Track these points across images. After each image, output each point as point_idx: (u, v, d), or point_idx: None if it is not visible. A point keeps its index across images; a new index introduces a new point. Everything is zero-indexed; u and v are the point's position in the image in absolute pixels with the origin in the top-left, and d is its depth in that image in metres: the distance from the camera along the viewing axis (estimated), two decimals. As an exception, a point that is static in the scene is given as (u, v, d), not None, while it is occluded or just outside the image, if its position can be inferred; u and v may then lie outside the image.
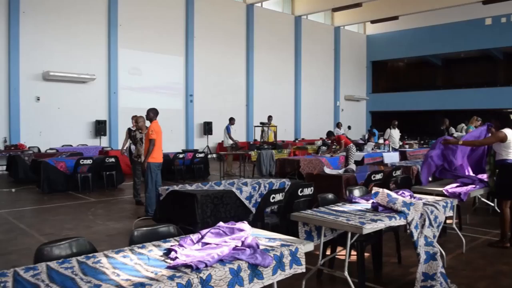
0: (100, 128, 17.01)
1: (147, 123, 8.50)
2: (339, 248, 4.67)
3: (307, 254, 4.13)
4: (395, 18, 25.20)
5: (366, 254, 4.99)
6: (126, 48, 17.90)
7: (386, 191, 4.36)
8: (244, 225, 3.16)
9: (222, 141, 15.33)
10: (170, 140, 18.39)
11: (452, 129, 17.36)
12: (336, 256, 4.74)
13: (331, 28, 28.03)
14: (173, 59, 19.57)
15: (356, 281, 4.29)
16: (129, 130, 9.94)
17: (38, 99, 15.75)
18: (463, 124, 15.99)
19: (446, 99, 26.80)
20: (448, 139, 6.46)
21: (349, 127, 23.99)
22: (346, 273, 3.93)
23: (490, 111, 24.81)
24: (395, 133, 14.26)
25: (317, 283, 4.63)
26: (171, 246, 2.96)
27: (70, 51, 16.41)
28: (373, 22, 27.25)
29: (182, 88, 19.96)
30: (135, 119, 9.44)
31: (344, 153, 11.43)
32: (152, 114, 8.16)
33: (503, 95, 25.26)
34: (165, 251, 2.92)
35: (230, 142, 14.37)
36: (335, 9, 24.38)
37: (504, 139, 5.83)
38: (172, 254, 2.78)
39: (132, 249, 2.97)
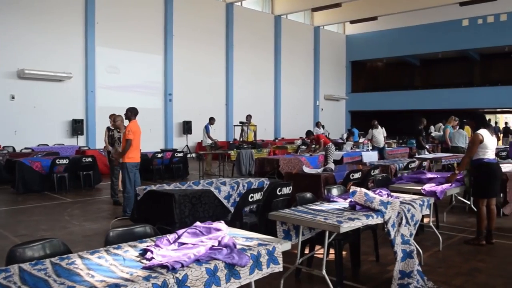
0: (77, 127, 16.77)
1: (126, 122, 8.39)
2: (317, 247, 4.69)
3: (286, 253, 4.12)
4: (374, 18, 25.48)
5: (344, 253, 5.02)
6: (103, 46, 17.68)
7: (363, 190, 4.38)
8: (221, 224, 3.14)
9: (202, 140, 15.25)
10: (149, 139, 18.19)
11: (432, 128, 17.61)
12: (315, 255, 4.75)
13: (311, 28, 28.16)
14: (151, 58, 19.41)
15: (334, 279, 4.30)
16: (108, 129, 9.80)
17: (13, 98, 15.45)
18: (441, 124, 16.23)
19: (424, 99, 27.20)
20: (452, 177, 6.23)
21: (322, 126, 24.09)
22: (324, 272, 3.93)
23: (466, 111, 25.25)
24: (377, 133, 14.28)
25: (296, 282, 4.63)
26: (147, 246, 2.92)
27: (46, 48, 16.14)
28: (352, 22, 27.47)
29: (161, 87, 19.82)
30: (113, 118, 9.32)
31: (323, 152, 11.49)
32: (131, 113, 8.05)
33: (479, 95, 25.76)
34: (141, 252, 2.88)
35: (209, 141, 14.31)
36: (314, 9, 24.51)
37: (482, 140, 5.87)
38: (148, 255, 2.74)
39: (107, 249, 2.93)
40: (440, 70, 29.92)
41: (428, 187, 5.89)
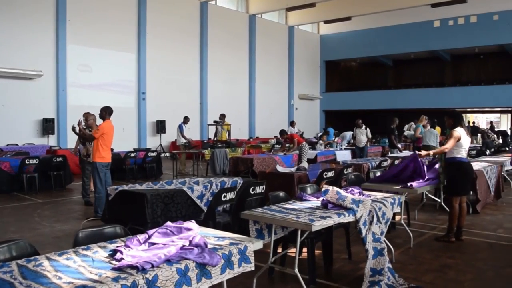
0: (47, 126, 16.43)
1: (100, 122, 8.26)
2: (290, 246, 4.71)
3: (259, 252, 4.12)
4: (347, 18, 25.74)
5: (318, 251, 5.05)
6: (75, 44, 17.38)
7: (336, 188, 4.41)
8: (192, 224, 3.12)
9: (176, 139, 15.15)
10: (122, 139, 17.96)
11: (406, 127, 17.85)
12: (288, 254, 4.76)
13: (285, 27, 28.26)
14: (124, 56, 19.17)
15: (307, 277, 4.32)
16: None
17: (-19, 96, 15.08)
18: (412, 123, 16.47)
19: (397, 98, 27.58)
20: (421, 153, 6.37)
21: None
22: (296, 270, 3.95)
23: (438, 110, 25.78)
24: (359, 132, 14.26)
25: (269, 281, 4.63)
26: (117, 247, 2.88)
27: (15, 46, 15.75)
28: (326, 22, 27.70)
29: (134, 86, 19.59)
30: (86, 116, 9.16)
31: (297, 152, 11.53)
32: (105, 112, 7.94)
33: (450, 95, 26.29)
34: (110, 252, 2.83)
35: (183, 140, 14.23)
36: (289, 9, 24.62)
37: (459, 138, 5.94)
38: (118, 255, 2.70)
39: (76, 251, 2.87)
40: (412, 70, 30.41)
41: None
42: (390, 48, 28.13)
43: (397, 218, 6.54)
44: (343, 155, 13.25)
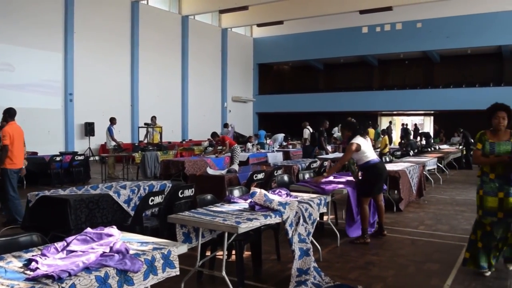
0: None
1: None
2: (219, 249, 4.69)
3: (189, 256, 4.09)
4: (280, 22, 26.17)
5: (247, 253, 5.08)
6: (-5, 41, 16.44)
7: (263, 191, 4.46)
8: (113, 230, 3.02)
9: (105, 142, 14.70)
10: (47, 142, 17.28)
11: (335, 129, 18.34)
12: (218, 257, 4.74)
13: (219, 29, 28.26)
14: (50, 55, 18.31)
15: (236, 279, 4.33)
16: None
17: None
18: (341, 125, 16.94)
19: (328, 101, 28.27)
20: (316, 179, 6.34)
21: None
22: (223, 273, 3.94)
23: (366, 113, 26.81)
24: (305, 133, 14.24)
25: (198, 285, 4.59)
26: (33, 256, 2.74)
27: None
28: (259, 25, 27.97)
29: (61, 87, 18.78)
30: None
31: (229, 154, 11.56)
32: (8, 115, 7.37)
33: (377, 98, 27.39)
34: (25, 262, 2.68)
35: (113, 143, 13.83)
36: (222, 11, 24.62)
37: (358, 148, 6.02)
38: (33, 265, 2.56)
39: (-13, 262, 2.70)
40: (342, 74, 31.40)
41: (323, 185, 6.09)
42: (321, 52, 28.85)
43: (325, 218, 6.71)
44: (275, 157, 13.42)
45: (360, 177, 6.41)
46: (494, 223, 4.59)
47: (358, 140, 6.08)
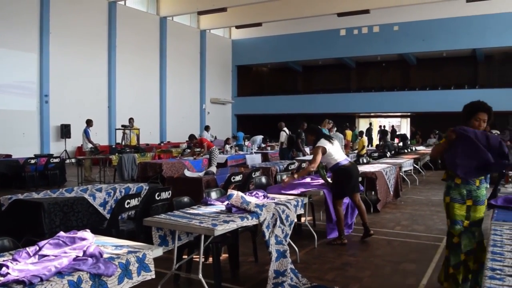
0: None
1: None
2: (196, 251, 4.66)
3: (166, 259, 4.06)
4: (258, 24, 26.21)
5: (224, 255, 5.05)
6: (-33, 41, 16.09)
7: (240, 193, 4.45)
8: (87, 233, 2.98)
9: (82, 145, 14.50)
10: (22, 144, 16.98)
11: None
12: (195, 259, 4.72)
13: (197, 31, 28.17)
14: (25, 56, 17.97)
15: (213, 282, 4.31)
16: None
17: None
18: (318, 127, 17.01)
19: (306, 103, 28.48)
20: (284, 180, 6.13)
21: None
22: (200, 276, 3.92)
23: (344, 114, 27.01)
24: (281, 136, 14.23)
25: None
26: (3, 261, 2.67)
27: None
28: (237, 27, 28.01)
29: (36, 88, 18.46)
30: None
31: (208, 156, 11.50)
32: None
33: (355, 100, 27.71)
34: (-5, 268, 2.62)
35: (90, 146, 13.65)
36: (200, 12, 24.59)
37: (324, 151, 5.99)
38: (3, 270, 2.50)
39: (-46, 268, 2.63)
40: (321, 76, 31.61)
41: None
42: (299, 54, 29.02)
43: (303, 219, 6.73)
44: (253, 159, 13.42)
45: (330, 180, 6.39)
46: (461, 233, 3.98)
47: (322, 143, 6.05)
